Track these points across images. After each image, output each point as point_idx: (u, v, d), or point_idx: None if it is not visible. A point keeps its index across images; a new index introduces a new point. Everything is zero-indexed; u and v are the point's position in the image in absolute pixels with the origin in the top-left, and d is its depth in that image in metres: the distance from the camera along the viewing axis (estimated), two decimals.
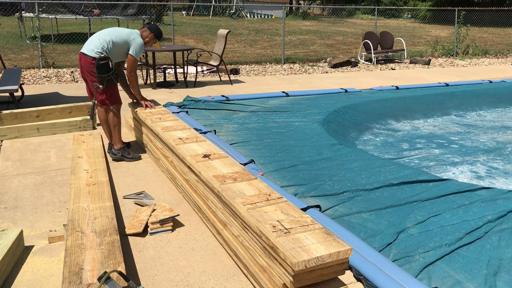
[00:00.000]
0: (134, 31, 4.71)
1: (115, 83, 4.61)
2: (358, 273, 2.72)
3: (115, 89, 4.63)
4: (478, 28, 20.84)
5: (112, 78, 4.54)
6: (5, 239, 2.85)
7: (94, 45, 4.48)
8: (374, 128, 6.86)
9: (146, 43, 4.79)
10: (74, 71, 10.03)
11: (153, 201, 3.75)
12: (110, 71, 4.49)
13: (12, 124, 5.48)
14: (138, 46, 4.62)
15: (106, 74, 4.47)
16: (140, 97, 4.98)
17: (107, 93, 4.56)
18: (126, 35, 4.62)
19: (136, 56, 4.62)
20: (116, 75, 4.59)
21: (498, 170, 5.20)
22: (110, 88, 4.57)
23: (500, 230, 3.20)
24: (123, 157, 4.67)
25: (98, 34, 4.57)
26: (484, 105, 8.41)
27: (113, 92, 4.61)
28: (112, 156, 4.70)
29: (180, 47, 8.84)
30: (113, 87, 4.60)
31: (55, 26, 16.41)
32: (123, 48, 4.60)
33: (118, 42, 4.55)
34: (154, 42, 4.87)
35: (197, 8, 31.04)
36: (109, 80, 4.52)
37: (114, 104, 4.64)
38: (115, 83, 4.60)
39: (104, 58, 4.43)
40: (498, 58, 14.86)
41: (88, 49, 4.47)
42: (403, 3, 36.59)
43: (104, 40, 4.49)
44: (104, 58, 4.44)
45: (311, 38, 17.98)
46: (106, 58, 4.45)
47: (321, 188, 3.92)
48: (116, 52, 4.57)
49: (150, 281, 2.69)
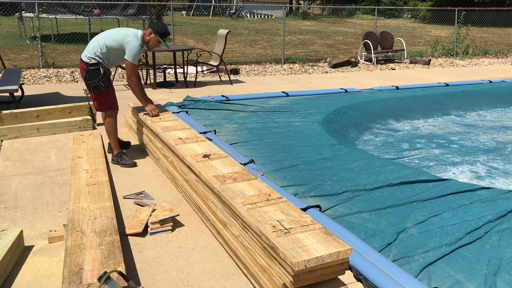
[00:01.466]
0: (131, 34, 4.40)
1: (103, 90, 4.38)
2: (358, 273, 2.72)
3: (107, 96, 4.45)
4: (478, 28, 20.85)
5: (98, 85, 4.34)
6: (5, 239, 2.85)
7: (88, 50, 4.37)
8: (374, 128, 6.86)
9: (147, 42, 4.49)
10: (74, 71, 10.03)
11: (153, 201, 3.75)
12: (98, 77, 4.31)
13: (12, 124, 5.47)
14: (133, 50, 4.33)
15: (91, 81, 4.31)
16: (145, 103, 4.73)
17: (98, 99, 4.45)
18: (121, 37, 4.36)
19: (133, 61, 4.35)
20: (107, 81, 4.38)
21: (498, 170, 5.20)
22: (101, 94, 4.41)
23: (500, 230, 3.20)
24: (118, 163, 4.56)
25: (95, 38, 4.44)
26: (484, 105, 8.41)
27: (106, 98, 4.45)
28: (111, 159, 4.65)
29: (180, 47, 8.84)
30: (104, 93, 4.41)
31: (55, 26, 16.42)
32: (119, 51, 4.39)
33: (113, 45, 4.35)
34: (157, 40, 4.51)
35: (197, 8, 31.04)
36: (95, 87, 4.34)
37: (107, 111, 4.50)
38: (103, 91, 4.38)
39: (95, 64, 4.29)
40: (498, 58, 14.86)
41: (84, 54, 4.39)
42: (403, 3, 36.61)
43: (98, 44, 4.34)
44: (95, 64, 4.29)
45: (311, 38, 17.99)
46: (96, 64, 4.30)
47: (321, 188, 3.92)
48: (113, 55, 4.41)
49: (150, 281, 2.69)
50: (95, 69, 4.30)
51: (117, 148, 4.59)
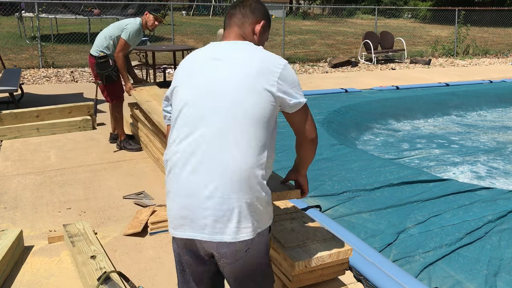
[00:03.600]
0: (131, 19, 4.73)
1: (115, 80, 4.75)
2: (358, 273, 2.72)
3: (116, 86, 4.81)
4: (478, 28, 20.84)
5: (111, 75, 4.70)
6: (5, 239, 2.85)
7: (96, 44, 4.72)
8: (375, 128, 6.85)
9: (146, 23, 4.73)
10: (74, 71, 10.03)
11: (153, 201, 3.75)
12: (109, 68, 4.67)
13: (12, 124, 5.47)
14: (131, 29, 4.61)
15: (104, 71, 4.66)
16: (126, 80, 4.89)
17: (108, 89, 4.79)
18: (121, 23, 4.69)
19: (127, 39, 4.61)
20: (116, 72, 4.73)
21: (498, 170, 5.19)
22: (111, 85, 4.76)
23: (500, 230, 3.20)
24: (124, 148, 4.96)
25: (101, 33, 4.77)
26: (484, 105, 8.41)
27: (114, 89, 4.81)
28: (116, 146, 5.03)
29: (180, 47, 8.84)
30: (113, 84, 4.77)
31: (55, 26, 16.40)
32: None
33: (115, 33, 4.67)
34: (153, 18, 4.75)
35: (197, 8, 31.04)
36: (108, 77, 4.70)
37: (115, 101, 4.84)
38: (115, 80, 4.75)
39: (103, 56, 4.65)
40: (498, 58, 14.86)
41: (92, 49, 4.73)
42: (403, 3, 36.60)
43: (103, 37, 4.69)
44: (103, 57, 4.65)
45: (311, 38, 17.98)
46: (105, 57, 4.65)
47: (321, 188, 3.91)
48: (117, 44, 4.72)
49: (150, 281, 2.68)
50: (104, 61, 4.67)
51: (124, 135, 5.00)
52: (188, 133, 1.61)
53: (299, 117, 1.80)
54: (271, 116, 1.66)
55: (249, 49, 1.72)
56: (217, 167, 1.56)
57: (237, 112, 1.58)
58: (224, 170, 1.55)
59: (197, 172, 1.57)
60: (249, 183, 1.57)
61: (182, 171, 1.60)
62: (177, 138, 1.64)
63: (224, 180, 1.55)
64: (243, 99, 1.60)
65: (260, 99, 1.61)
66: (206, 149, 1.57)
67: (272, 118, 1.67)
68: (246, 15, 1.82)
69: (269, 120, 1.65)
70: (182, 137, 1.62)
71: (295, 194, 2.04)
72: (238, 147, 1.56)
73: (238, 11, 1.82)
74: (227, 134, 1.57)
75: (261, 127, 1.61)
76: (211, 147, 1.57)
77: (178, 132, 1.64)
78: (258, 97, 1.61)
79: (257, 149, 1.59)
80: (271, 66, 1.66)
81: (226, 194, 1.55)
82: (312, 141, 1.85)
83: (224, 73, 1.64)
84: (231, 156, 1.56)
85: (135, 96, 4.81)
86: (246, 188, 1.56)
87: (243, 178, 1.56)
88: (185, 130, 1.62)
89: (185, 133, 1.62)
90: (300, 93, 1.74)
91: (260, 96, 1.61)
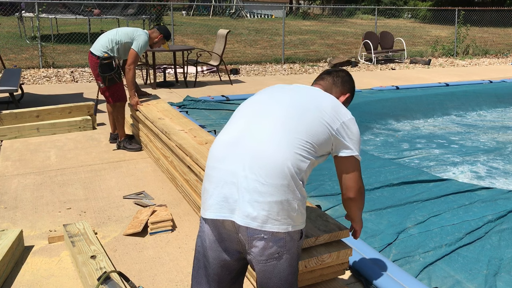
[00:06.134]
0: (141, 30, 4.84)
1: (118, 82, 4.77)
2: (358, 273, 2.72)
3: (118, 87, 4.82)
4: (478, 28, 20.84)
5: (114, 78, 4.73)
6: (5, 239, 2.85)
7: (100, 44, 4.71)
8: (374, 128, 6.86)
9: (155, 43, 4.97)
10: (74, 71, 10.03)
11: (153, 201, 3.75)
12: (113, 70, 4.69)
13: (12, 124, 5.47)
14: (142, 42, 4.74)
15: (107, 74, 4.68)
16: (132, 94, 4.88)
17: (109, 90, 4.79)
18: (132, 32, 4.78)
19: (139, 52, 4.73)
20: (119, 74, 4.77)
21: (498, 170, 5.19)
22: (113, 86, 4.77)
23: (500, 230, 3.20)
24: (124, 147, 4.98)
25: (107, 34, 4.79)
26: (484, 105, 8.41)
27: (116, 90, 4.82)
28: (116, 145, 5.06)
29: (180, 47, 8.84)
30: (116, 85, 4.78)
31: (55, 26, 16.41)
32: (129, 44, 4.77)
33: (125, 40, 4.73)
34: (162, 43, 5.05)
35: (197, 8, 31.03)
36: (111, 79, 4.73)
37: (117, 102, 4.87)
38: (117, 82, 4.77)
39: (107, 57, 4.65)
40: (498, 58, 14.86)
41: (95, 48, 4.72)
42: (403, 3, 36.60)
43: (111, 39, 4.70)
44: (107, 58, 4.65)
45: (311, 38, 17.99)
46: (109, 58, 4.67)
47: (321, 188, 3.92)
48: (122, 49, 4.80)
49: (150, 281, 2.69)
50: (108, 62, 4.67)
51: (124, 135, 5.01)
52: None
53: (345, 167, 1.82)
54: (324, 143, 1.73)
55: (328, 94, 1.88)
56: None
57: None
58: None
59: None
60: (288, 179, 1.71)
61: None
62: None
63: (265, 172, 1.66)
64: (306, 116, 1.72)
65: (321, 128, 1.71)
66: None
67: (321, 147, 1.73)
68: (337, 84, 2.02)
69: (320, 146, 1.72)
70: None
71: (344, 234, 2.26)
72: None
73: (331, 77, 2.04)
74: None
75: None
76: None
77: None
78: (319, 126, 1.71)
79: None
80: (341, 113, 1.77)
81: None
82: (350, 200, 1.89)
83: (301, 95, 1.78)
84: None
85: (144, 112, 4.67)
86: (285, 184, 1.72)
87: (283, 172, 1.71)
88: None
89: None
90: (356, 147, 1.80)
91: (322, 126, 1.71)
